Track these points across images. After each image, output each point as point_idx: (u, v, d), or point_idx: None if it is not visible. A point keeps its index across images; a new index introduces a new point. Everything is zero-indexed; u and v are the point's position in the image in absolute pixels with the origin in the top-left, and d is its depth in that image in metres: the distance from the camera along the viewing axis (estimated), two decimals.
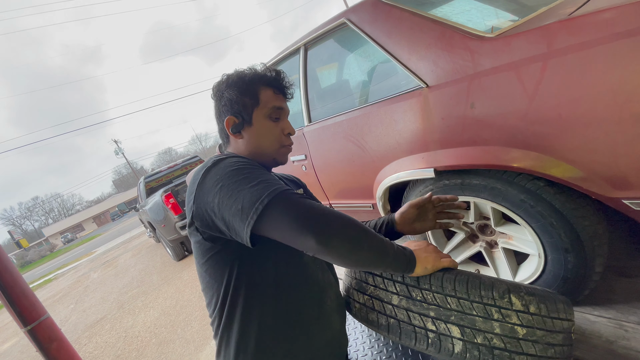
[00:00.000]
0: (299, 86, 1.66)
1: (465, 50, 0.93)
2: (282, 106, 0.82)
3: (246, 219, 0.60)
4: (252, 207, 0.60)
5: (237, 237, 0.64)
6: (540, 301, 0.66)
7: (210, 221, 0.67)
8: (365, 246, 0.62)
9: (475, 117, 0.92)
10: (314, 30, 1.53)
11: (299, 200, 0.61)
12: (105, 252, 10.50)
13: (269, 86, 0.81)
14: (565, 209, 0.88)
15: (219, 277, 0.71)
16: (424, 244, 0.76)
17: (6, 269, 1.53)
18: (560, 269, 0.96)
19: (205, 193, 0.67)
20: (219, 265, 0.71)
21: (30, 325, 1.50)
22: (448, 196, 0.98)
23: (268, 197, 0.60)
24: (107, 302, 4.16)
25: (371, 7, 1.20)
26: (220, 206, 0.64)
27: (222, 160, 0.71)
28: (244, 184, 0.63)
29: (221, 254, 0.71)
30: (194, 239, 0.74)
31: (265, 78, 0.81)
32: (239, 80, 0.80)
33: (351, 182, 1.50)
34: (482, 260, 1.28)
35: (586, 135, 0.75)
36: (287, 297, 0.73)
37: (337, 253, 0.59)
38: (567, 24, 0.75)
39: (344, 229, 0.60)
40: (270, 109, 0.80)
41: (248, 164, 0.70)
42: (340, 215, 0.61)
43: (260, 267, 0.72)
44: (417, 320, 0.73)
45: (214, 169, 0.69)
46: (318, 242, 0.57)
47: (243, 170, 0.67)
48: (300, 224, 0.58)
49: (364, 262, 0.64)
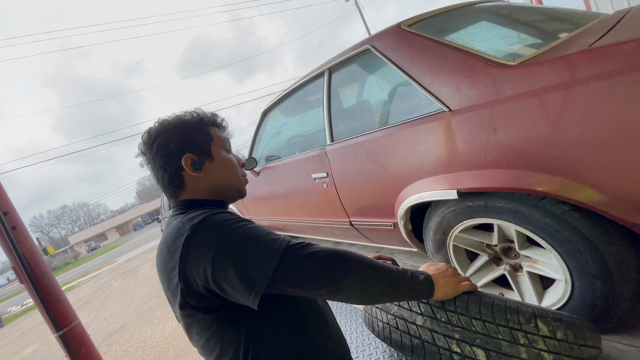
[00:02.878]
0: (323, 107, 1.73)
1: (488, 77, 0.97)
2: (229, 139, 0.85)
3: (253, 289, 0.57)
4: (260, 274, 0.57)
5: (240, 302, 0.60)
6: (567, 327, 0.65)
7: (207, 293, 0.61)
8: (376, 281, 0.62)
9: (498, 141, 0.94)
10: (338, 55, 1.61)
11: (303, 254, 0.60)
12: (127, 262, 10.78)
13: (212, 125, 0.82)
14: (591, 234, 0.87)
15: (234, 343, 0.64)
16: (443, 268, 0.76)
17: (43, 274, 1.63)
18: (588, 295, 0.94)
19: (193, 266, 0.60)
20: (229, 331, 0.64)
21: (62, 331, 1.57)
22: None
23: (275, 259, 0.57)
24: (127, 311, 4.25)
25: (395, 35, 1.27)
26: (216, 277, 0.58)
27: (201, 224, 0.62)
28: (241, 247, 0.59)
29: (230, 320, 0.64)
30: (189, 320, 0.65)
31: (207, 118, 0.81)
32: (185, 123, 0.77)
33: (372, 200, 1.52)
34: (506, 284, 1.26)
35: (610, 161, 0.76)
36: (301, 334, 0.70)
37: (351, 294, 0.60)
38: (589, 54, 0.78)
39: (353, 270, 0.60)
40: (224, 142, 0.81)
41: (231, 219, 0.64)
42: (345, 255, 0.61)
43: (272, 318, 0.67)
44: (441, 342, 0.73)
45: (196, 236, 0.61)
46: (330, 292, 0.58)
47: (234, 232, 0.61)
48: (312, 279, 0.58)
49: (379, 297, 0.64)
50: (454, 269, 0.77)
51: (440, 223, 1.25)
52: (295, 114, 2.30)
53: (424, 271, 0.73)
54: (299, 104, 2.15)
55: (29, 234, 1.61)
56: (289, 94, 2.10)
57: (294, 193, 2.05)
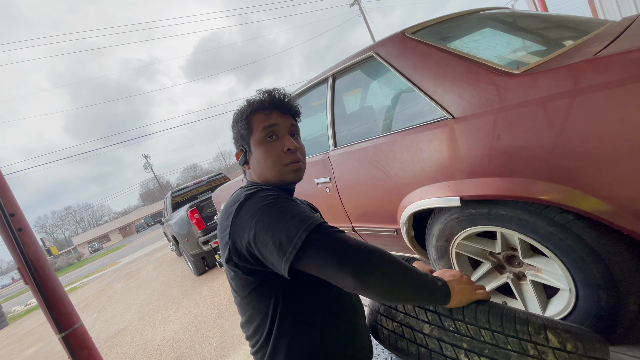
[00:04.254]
0: (326, 112, 1.74)
1: (491, 85, 0.97)
2: (274, 123, 0.79)
3: (284, 255, 0.61)
4: (291, 242, 0.61)
5: (275, 269, 0.66)
6: (577, 339, 0.64)
7: (248, 255, 0.69)
8: (402, 281, 0.62)
9: (502, 149, 0.94)
10: (342, 61, 1.62)
11: (335, 236, 0.62)
12: (129, 263, 10.82)
13: (258, 111, 0.80)
14: (596, 243, 0.87)
15: (263, 309, 0.72)
16: (458, 275, 0.75)
17: (47, 276, 1.64)
18: (592, 305, 0.93)
19: (240, 228, 0.68)
20: (262, 297, 0.72)
21: (65, 332, 1.58)
22: None
23: (305, 231, 0.61)
24: (129, 313, 4.26)
25: (399, 42, 1.27)
26: (256, 241, 0.65)
27: (254, 195, 0.72)
28: (279, 218, 0.65)
29: (263, 287, 0.72)
30: (232, 274, 0.74)
31: (254, 104, 0.80)
32: (235, 117, 0.84)
33: (375, 206, 1.52)
34: (509, 292, 1.25)
35: (615, 170, 0.75)
36: (329, 321, 0.75)
37: (375, 290, 0.60)
38: (594, 63, 0.78)
39: (380, 265, 0.60)
40: (261, 132, 0.79)
41: (279, 197, 0.71)
42: (375, 250, 0.62)
43: (303, 296, 0.73)
44: (449, 351, 0.72)
45: (247, 204, 0.70)
46: (355, 280, 0.58)
47: (276, 205, 0.68)
48: (338, 261, 0.59)
49: (400, 297, 0.64)
50: (468, 277, 0.76)
51: (443, 230, 1.24)
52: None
53: (441, 277, 0.72)
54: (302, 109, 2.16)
55: (35, 235, 1.63)
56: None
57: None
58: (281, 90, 0.84)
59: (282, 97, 0.82)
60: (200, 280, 4.42)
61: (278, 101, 0.81)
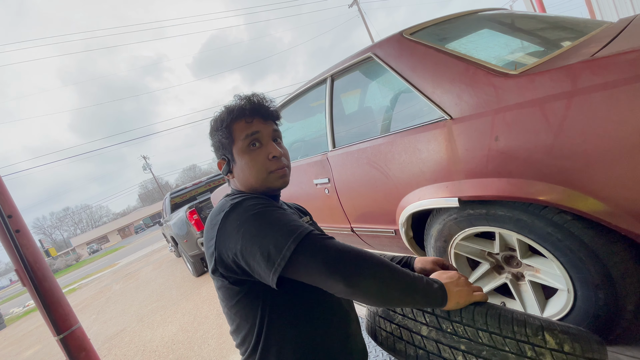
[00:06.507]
0: (325, 113, 1.74)
1: (489, 86, 0.97)
2: (257, 130, 0.77)
3: (272, 267, 0.61)
4: (279, 253, 0.61)
5: (262, 280, 0.65)
6: (574, 340, 0.64)
7: (234, 266, 0.68)
8: (393, 285, 0.62)
9: (500, 150, 0.94)
10: (341, 62, 1.62)
11: (324, 243, 0.62)
12: (128, 265, 10.79)
13: (239, 118, 0.78)
14: (594, 244, 0.87)
15: (251, 318, 0.71)
16: (455, 276, 0.74)
17: (45, 277, 1.64)
18: (590, 305, 0.94)
19: (226, 239, 0.68)
20: (249, 306, 0.71)
21: (63, 334, 1.58)
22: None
23: (294, 242, 0.61)
24: (128, 315, 4.25)
25: (397, 43, 1.28)
26: (243, 253, 0.65)
27: (239, 204, 0.71)
28: (267, 229, 0.64)
29: (249, 296, 0.71)
30: (219, 283, 0.74)
31: (235, 112, 0.78)
32: (214, 124, 0.81)
33: (373, 207, 1.52)
34: (507, 293, 1.25)
35: (613, 171, 0.76)
36: (319, 328, 0.74)
37: (366, 294, 0.60)
38: (591, 64, 0.78)
39: (371, 270, 0.60)
40: (244, 140, 0.77)
41: (266, 206, 0.70)
42: (366, 254, 0.62)
43: (291, 304, 0.72)
44: (447, 353, 0.72)
45: (232, 214, 0.69)
46: (347, 286, 0.58)
47: (263, 214, 0.67)
48: (328, 268, 0.59)
49: (393, 301, 0.64)
50: (466, 278, 0.76)
51: (441, 230, 1.25)
52: (298, 120, 2.31)
53: (437, 279, 0.72)
54: (301, 110, 2.16)
55: (33, 237, 1.63)
56: (291, 99, 2.11)
57: (296, 198, 2.05)
58: (260, 95, 0.82)
59: (262, 102, 0.80)
60: (200, 281, 4.41)
61: (259, 107, 0.79)
